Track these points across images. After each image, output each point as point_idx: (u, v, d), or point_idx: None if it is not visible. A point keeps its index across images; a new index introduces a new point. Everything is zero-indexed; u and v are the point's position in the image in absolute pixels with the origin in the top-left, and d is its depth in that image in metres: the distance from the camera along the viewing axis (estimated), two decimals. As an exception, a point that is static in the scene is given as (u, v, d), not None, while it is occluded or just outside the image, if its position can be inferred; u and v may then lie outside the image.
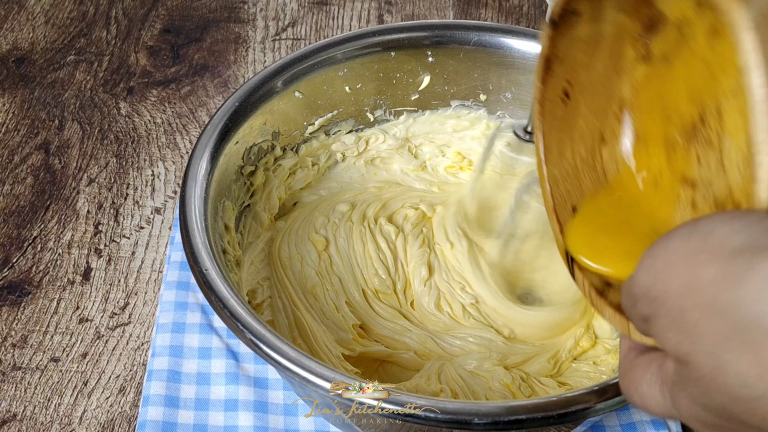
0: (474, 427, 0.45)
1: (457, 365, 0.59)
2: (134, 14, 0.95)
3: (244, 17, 0.95)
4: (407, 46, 0.68)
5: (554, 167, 0.48)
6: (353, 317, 0.62)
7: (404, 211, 0.68)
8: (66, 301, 0.67)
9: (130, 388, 0.62)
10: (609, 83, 0.45)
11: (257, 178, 0.65)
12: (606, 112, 0.46)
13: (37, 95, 0.85)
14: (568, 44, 0.44)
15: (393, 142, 0.72)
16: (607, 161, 0.47)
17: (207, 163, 0.58)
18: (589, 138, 0.47)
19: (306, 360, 0.47)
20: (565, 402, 0.46)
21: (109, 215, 0.74)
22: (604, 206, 0.47)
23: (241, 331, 0.48)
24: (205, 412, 0.59)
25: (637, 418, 0.60)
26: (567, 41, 0.44)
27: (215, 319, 0.64)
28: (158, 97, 0.85)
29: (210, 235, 0.54)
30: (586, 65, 0.45)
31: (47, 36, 0.92)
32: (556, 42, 0.44)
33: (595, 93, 0.46)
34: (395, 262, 0.65)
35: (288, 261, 0.64)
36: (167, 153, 0.79)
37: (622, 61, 0.44)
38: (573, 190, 0.48)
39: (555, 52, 0.45)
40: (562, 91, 0.46)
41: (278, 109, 0.65)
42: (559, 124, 0.47)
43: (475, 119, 0.72)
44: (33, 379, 0.62)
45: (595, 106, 0.46)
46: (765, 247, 0.28)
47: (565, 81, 0.46)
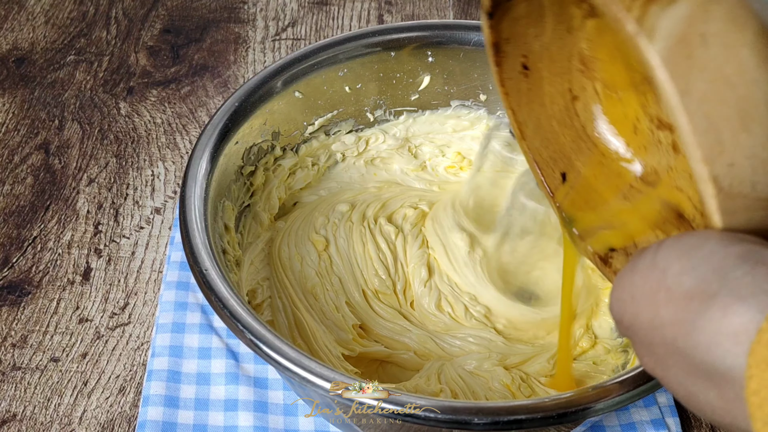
0: (474, 427, 0.45)
1: (456, 365, 0.59)
2: (134, 14, 0.95)
3: (244, 17, 0.95)
4: (407, 46, 0.68)
5: (534, 138, 0.48)
6: (353, 317, 0.62)
7: (404, 210, 0.68)
8: (66, 301, 0.67)
9: (130, 388, 0.62)
10: (563, 43, 0.45)
11: (257, 178, 0.65)
12: (569, 70, 0.46)
13: (37, 95, 0.85)
14: (511, 25, 0.44)
15: (393, 142, 0.72)
16: (584, 117, 0.47)
17: (207, 163, 0.58)
18: (560, 99, 0.47)
19: (306, 360, 0.47)
20: (564, 402, 0.46)
21: (109, 215, 0.74)
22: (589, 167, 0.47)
23: (241, 332, 0.48)
24: (205, 412, 0.59)
25: (636, 418, 0.60)
26: (509, 22, 0.44)
27: (215, 319, 0.64)
28: (158, 97, 0.85)
29: (210, 235, 0.54)
30: (536, 35, 0.45)
31: (47, 36, 0.92)
32: (498, 28, 0.44)
33: (553, 56, 0.46)
34: (395, 262, 0.65)
35: (288, 261, 0.64)
36: (167, 153, 0.79)
37: (571, 21, 0.44)
38: (557, 156, 0.48)
39: (500, 37, 0.45)
40: (520, 66, 0.46)
41: (278, 109, 0.65)
42: (526, 96, 0.48)
43: (475, 119, 0.72)
44: (33, 379, 0.62)
45: (556, 68, 0.46)
46: (712, 293, 0.30)
47: (520, 56, 0.46)
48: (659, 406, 0.60)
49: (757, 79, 0.32)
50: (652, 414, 0.60)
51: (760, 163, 0.32)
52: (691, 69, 0.31)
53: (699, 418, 0.61)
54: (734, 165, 0.32)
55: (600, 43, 0.44)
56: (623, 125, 0.46)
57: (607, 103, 0.46)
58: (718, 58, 0.32)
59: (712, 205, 0.32)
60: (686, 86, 0.31)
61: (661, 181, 0.44)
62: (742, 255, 0.30)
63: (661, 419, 0.60)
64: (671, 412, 0.60)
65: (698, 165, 0.32)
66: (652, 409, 0.60)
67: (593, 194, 0.47)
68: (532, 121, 0.48)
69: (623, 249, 0.45)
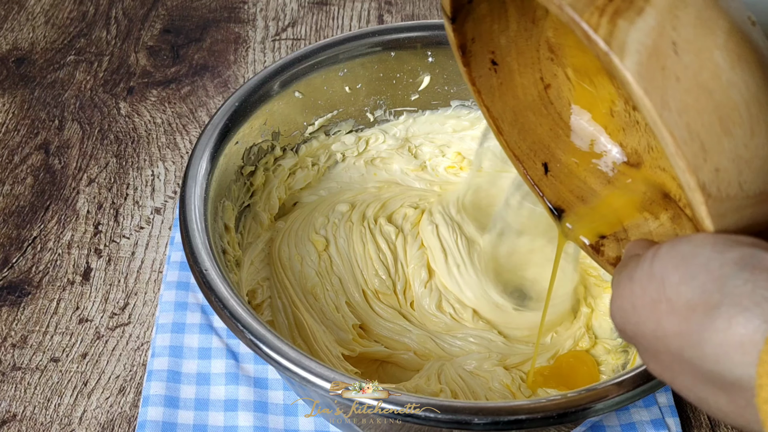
0: (474, 427, 0.45)
1: (456, 365, 0.59)
2: (134, 14, 0.95)
3: (244, 17, 0.95)
4: (407, 46, 0.68)
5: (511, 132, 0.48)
6: (353, 317, 0.62)
7: (403, 210, 0.68)
8: (66, 301, 0.67)
9: (130, 389, 0.62)
10: (530, 34, 0.45)
11: (257, 179, 0.65)
12: (538, 60, 0.46)
13: (37, 95, 0.85)
14: (475, 25, 0.44)
15: (393, 143, 0.72)
16: (559, 104, 0.47)
17: (207, 163, 0.58)
18: (533, 89, 0.47)
19: (306, 360, 0.47)
20: (564, 402, 0.46)
21: (109, 215, 0.74)
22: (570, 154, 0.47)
23: (241, 332, 0.48)
24: (205, 412, 0.59)
25: (636, 418, 0.60)
26: (473, 23, 0.44)
27: (215, 319, 0.64)
28: (158, 97, 0.85)
29: (210, 235, 0.54)
30: (502, 30, 0.45)
31: (47, 36, 0.92)
32: (462, 30, 0.44)
33: (521, 48, 0.46)
34: (395, 262, 0.65)
35: (288, 261, 0.64)
36: (167, 153, 0.79)
37: (535, 12, 0.44)
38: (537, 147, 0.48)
39: (466, 38, 0.45)
40: (489, 62, 0.46)
41: (278, 109, 0.65)
42: (498, 91, 0.47)
43: (475, 119, 0.72)
44: (33, 379, 0.62)
45: (525, 60, 0.46)
46: (714, 304, 0.30)
47: (488, 53, 0.46)
48: (659, 406, 0.60)
49: (732, 81, 0.32)
50: (652, 414, 0.60)
51: (745, 164, 0.32)
52: (666, 81, 0.31)
53: (699, 418, 0.61)
54: (720, 170, 0.32)
55: (566, 30, 0.44)
56: (599, 109, 0.46)
57: (580, 89, 0.46)
58: (692, 66, 0.31)
59: (702, 211, 0.32)
60: (663, 100, 0.31)
61: (643, 162, 0.44)
62: (739, 261, 0.30)
63: (661, 419, 0.59)
64: (671, 412, 0.60)
65: (685, 175, 0.32)
66: (652, 409, 0.60)
67: (577, 182, 0.47)
68: (507, 115, 0.48)
69: (613, 235, 0.45)
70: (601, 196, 0.46)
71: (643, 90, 0.31)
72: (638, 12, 0.31)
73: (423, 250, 0.65)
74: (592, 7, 0.32)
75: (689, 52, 0.31)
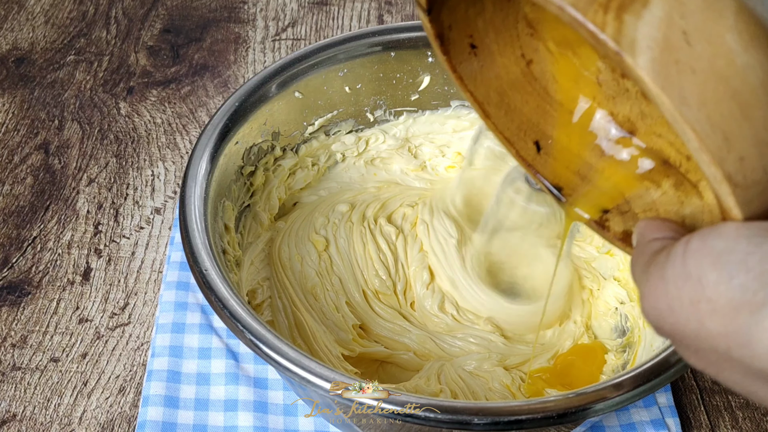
0: (474, 427, 0.45)
1: (456, 366, 0.59)
2: (134, 14, 0.95)
3: (244, 17, 0.95)
4: (407, 46, 0.68)
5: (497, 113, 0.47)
6: (353, 317, 0.62)
7: (403, 210, 0.68)
8: (66, 301, 0.67)
9: (130, 389, 0.62)
10: (506, 13, 0.44)
11: (257, 179, 0.65)
12: (517, 36, 0.45)
13: (36, 95, 0.85)
14: (450, 12, 0.43)
15: (393, 143, 0.72)
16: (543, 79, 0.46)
17: (207, 163, 0.58)
18: (515, 67, 0.46)
19: (306, 360, 0.47)
20: (564, 402, 0.46)
21: (109, 215, 0.74)
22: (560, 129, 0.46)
23: (241, 332, 0.48)
24: (205, 412, 0.59)
25: (636, 418, 0.60)
26: (447, 12, 0.43)
27: (215, 319, 0.64)
28: (158, 97, 0.85)
29: (210, 235, 0.54)
30: (477, 13, 0.44)
31: (47, 36, 0.92)
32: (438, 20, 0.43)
33: (498, 28, 0.45)
34: (396, 263, 0.65)
35: (288, 261, 0.64)
36: (167, 153, 0.79)
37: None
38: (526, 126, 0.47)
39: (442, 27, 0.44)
40: (468, 46, 0.45)
41: (278, 110, 0.65)
42: (480, 74, 0.46)
43: (475, 119, 0.72)
44: (33, 379, 0.62)
45: (504, 38, 0.45)
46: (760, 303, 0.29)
47: (465, 37, 0.45)
48: (659, 406, 0.60)
49: (748, 64, 0.31)
50: (652, 414, 0.60)
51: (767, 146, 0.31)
52: (681, 75, 0.30)
53: (699, 418, 0.61)
54: (744, 158, 0.31)
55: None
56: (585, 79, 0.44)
57: (563, 61, 0.45)
58: (706, 55, 0.30)
59: (730, 201, 0.32)
60: (681, 95, 0.30)
61: (638, 129, 0.43)
62: None
63: (661, 419, 0.60)
64: (671, 412, 0.60)
65: (710, 168, 0.31)
66: (652, 409, 0.60)
67: (571, 157, 0.46)
68: (492, 97, 0.47)
69: (616, 208, 0.44)
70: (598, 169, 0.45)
71: (660, 88, 0.30)
72: (644, 4, 0.30)
73: (423, 253, 0.65)
74: (595, 5, 0.31)
75: (701, 41, 0.30)
